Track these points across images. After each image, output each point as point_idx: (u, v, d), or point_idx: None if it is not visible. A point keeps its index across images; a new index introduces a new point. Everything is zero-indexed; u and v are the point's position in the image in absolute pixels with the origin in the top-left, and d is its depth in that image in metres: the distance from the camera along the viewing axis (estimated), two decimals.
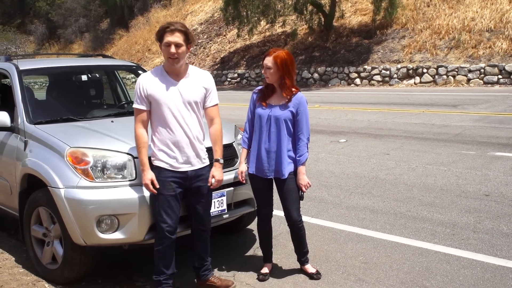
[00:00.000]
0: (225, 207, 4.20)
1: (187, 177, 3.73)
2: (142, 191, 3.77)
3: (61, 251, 4.09)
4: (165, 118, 3.64)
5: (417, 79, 18.99)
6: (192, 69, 3.80)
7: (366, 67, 20.54)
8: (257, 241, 5.00)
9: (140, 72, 5.99)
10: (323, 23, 23.60)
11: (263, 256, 4.32)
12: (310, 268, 4.23)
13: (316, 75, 22.16)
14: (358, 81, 20.75)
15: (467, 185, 6.36)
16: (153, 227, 3.81)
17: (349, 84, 21.00)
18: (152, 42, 33.53)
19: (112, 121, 4.71)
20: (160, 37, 3.61)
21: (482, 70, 17.55)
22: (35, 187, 4.19)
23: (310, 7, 23.29)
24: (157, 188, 3.63)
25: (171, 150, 3.67)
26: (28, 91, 4.95)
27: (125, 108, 5.70)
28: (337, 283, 4.07)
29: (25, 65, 5.21)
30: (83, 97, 5.79)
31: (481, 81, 17.56)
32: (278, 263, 4.45)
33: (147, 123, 3.70)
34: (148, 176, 3.62)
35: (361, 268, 4.30)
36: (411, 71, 19.19)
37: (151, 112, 3.69)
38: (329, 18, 23.19)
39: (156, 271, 3.79)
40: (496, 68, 17.25)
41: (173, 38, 3.56)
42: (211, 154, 3.91)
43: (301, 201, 4.09)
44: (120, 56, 33.41)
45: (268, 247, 4.28)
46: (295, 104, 3.92)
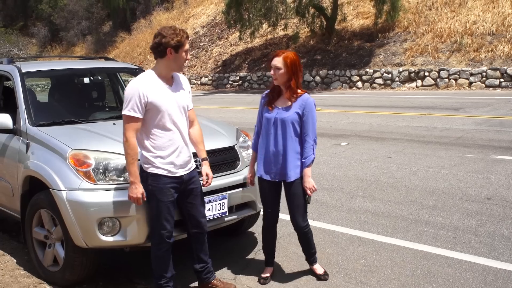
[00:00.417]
0: (227, 209, 4.21)
1: (182, 181, 3.73)
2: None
3: (63, 254, 4.09)
4: (165, 124, 3.62)
5: (419, 82, 18.98)
6: (174, 74, 3.80)
7: (368, 70, 20.54)
8: (258, 244, 5.01)
9: None
10: (325, 26, 23.61)
11: (265, 259, 4.31)
12: (318, 268, 4.24)
13: (318, 78, 22.16)
14: (359, 84, 20.74)
15: (468, 188, 6.36)
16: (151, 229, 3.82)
17: (350, 87, 20.99)
18: None
19: (114, 124, 4.71)
20: (179, 43, 3.57)
21: (484, 73, 17.53)
22: (37, 189, 4.20)
23: (312, 10, 23.30)
24: (156, 196, 3.61)
25: (168, 155, 3.64)
26: (30, 94, 4.97)
27: None
28: (338, 286, 4.07)
29: (28, 67, 5.23)
30: (85, 100, 5.81)
31: (483, 85, 17.54)
32: (279, 266, 4.45)
33: (138, 131, 3.60)
34: (140, 190, 3.56)
35: (363, 271, 4.30)
36: (412, 74, 19.18)
37: (145, 119, 3.59)
38: (331, 21, 23.19)
39: (155, 275, 3.79)
40: (498, 71, 17.23)
41: (188, 45, 3.67)
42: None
43: (308, 205, 4.08)
44: (122, 58, 33.47)
45: (271, 251, 4.27)
46: (301, 105, 3.89)
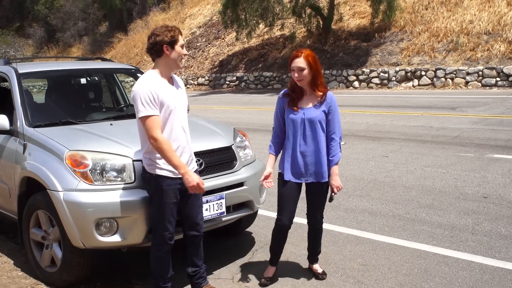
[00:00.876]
0: (224, 209, 4.21)
1: None
2: (141, 194, 3.78)
3: (60, 254, 4.09)
4: (171, 123, 3.61)
5: (416, 82, 19.01)
6: (172, 74, 3.81)
7: (364, 70, 20.56)
8: (256, 244, 5.02)
9: (139, 75, 5.99)
10: (321, 26, 23.61)
11: (270, 258, 4.23)
12: (318, 268, 4.27)
13: None
14: (356, 84, 20.77)
15: (465, 187, 6.37)
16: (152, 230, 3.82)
17: (347, 87, 21.01)
18: None
19: (111, 124, 4.71)
20: (173, 38, 3.58)
21: (480, 72, 17.57)
22: (34, 190, 4.19)
23: (308, 10, 23.32)
24: (159, 197, 3.59)
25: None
26: (27, 94, 4.96)
27: (124, 111, 5.70)
28: (336, 285, 4.07)
29: (24, 68, 5.23)
30: (82, 100, 5.80)
31: (479, 84, 17.58)
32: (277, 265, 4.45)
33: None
34: (194, 177, 3.54)
35: (360, 270, 4.31)
36: (409, 74, 19.21)
37: None
38: (328, 21, 23.21)
39: (154, 276, 3.78)
40: (494, 70, 17.27)
41: (182, 40, 3.68)
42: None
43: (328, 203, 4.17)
44: (119, 59, 33.43)
45: (278, 252, 4.19)
46: (326, 103, 3.90)
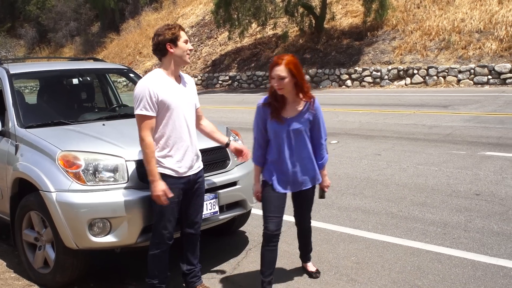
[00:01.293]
0: (217, 209, 4.21)
1: (189, 181, 3.72)
2: (134, 194, 3.77)
3: (53, 255, 4.07)
4: (174, 122, 3.59)
5: (408, 80, 19.08)
6: (181, 73, 3.81)
7: (357, 68, 20.61)
8: (250, 243, 5.03)
9: (131, 75, 5.99)
10: (314, 25, 23.65)
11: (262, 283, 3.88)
12: (311, 266, 4.27)
13: (307, 77, 22.18)
14: (349, 82, 20.81)
15: (457, 184, 6.41)
16: (145, 230, 3.81)
17: (340, 85, 21.05)
18: (143, 45, 33.45)
19: (103, 125, 4.70)
20: (174, 35, 3.58)
21: (472, 70, 17.66)
22: (26, 191, 4.17)
23: (301, 10, 23.34)
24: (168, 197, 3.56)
25: (178, 155, 3.63)
26: (19, 95, 4.94)
27: (117, 111, 5.69)
28: (329, 283, 4.09)
29: (16, 69, 5.20)
30: (74, 101, 5.78)
31: (471, 82, 17.67)
32: None
33: (153, 130, 3.57)
34: (160, 186, 3.48)
35: (353, 268, 4.32)
36: (401, 72, 19.27)
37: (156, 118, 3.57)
38: (320, 20, 23.24)
39: (150, 274, 3.77)
40: (486, 68, 17.36)
41: (186, 35, 3.66)
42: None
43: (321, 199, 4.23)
44: (111, 59, 33.32)
45: (269, 273, 3.85)
46: (312, 112, 3.73)
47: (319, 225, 5.37)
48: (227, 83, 25.68)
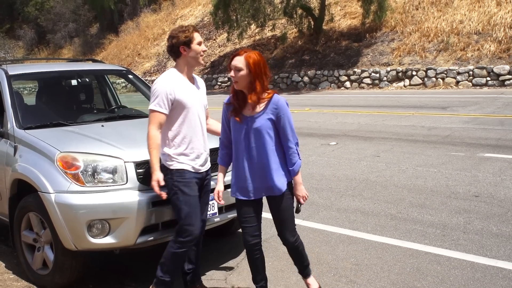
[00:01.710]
0: (216, 210, 4.21)
1: (201, 178, 3.80)
2: (133, 196, 3.77)
3: (52, 256, 4.07)
4: (191, 121, 3.69)
5: (407, 82, 19.10)
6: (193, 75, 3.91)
7: (356, 70, 20.63)
8: None
9: (130, 76, 5.99)
10: (312, 26, 23.69)
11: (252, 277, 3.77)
12: (313, 282, 3.78)
13: (306, 79, 22.23)
14: (348, 84, 20.83)
15: (456, 186, 6.41)
16: (145, 231, 3.81)
17: (339, 87, 21.08)
18: (142, 46, 33.48)
19: (102, 126, 4.70)
20: (187, 38, 3.64)
21: (470, 72, 17.69)
22: (25, 193, 4.17)
23: (299, 11, 23.37)
24: (183, 190, 3.61)
25: (194, 152, 3.70)
26: (17, 96, 4.93)
27: (115, 112, 5.68)
28: (328, 285, 4.08)
29: (15, 70, 5.19)
30: (73, 102, 5.77)
31: (470, 83, 17.70)
32: (269, 266, 4.44)
33: (162, 126, 3.62)
34: (156, 176, 3.51)
35: (352, 269, 4.32)
36: (400, 74, 19.30)
37: (170, 115, 3.63)
38: (319, 21, 23.28)
39: (164, 270, 3.66)
40: (484, 70, 17.39)
41: (200, 37, 3.73)
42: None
43: (297, 214, 3.66)
44: (110, 60, 33.32)
45: (260, 278, 3.71)
46: (273, 110, 3.39)
47: (318, 226, 5.37)
48: (226, 84, 25.70)
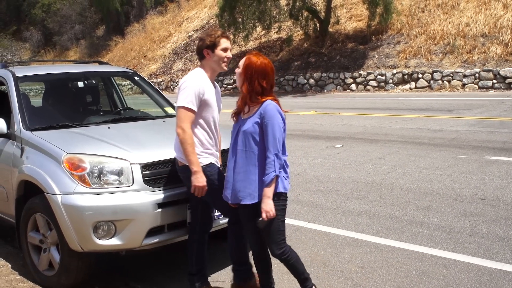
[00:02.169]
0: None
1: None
2: (139, 197, 3.78)
3: (58, 258, 4.08)
4: (210, 121, 3.80)
5: (413, 84, 19.05)
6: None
7: (361, 72, 20.59)
8: None
9: (136, 78, 6.01)
10: (318, 29, 23.67)
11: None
12: None
13: (312, 81, 22.21)
14: (353, 86, 20.80)
15: (463, 189, 6.39)
16: (151, 232, 3.82)
17: (344, 89, 21.04)
18: (148, 48, 33.55)
19: (108, 127, 4.72)
20: (212, 42, 3.72)
21: (477, 75, 17.62)
22: (31, 194, 4.19)
23: (305, 13, 23.36)
24: (216, 182, 3.71)
25: (211, 149, 3.82)
26: (24, 98, 4.96)
27: (122, 114, 5.70)
28: (334, 287, 4.07)
29: (22, 72, 5.22)
30: (80, 104, 5.80)
31: (476, 86, 17.63)
32: (275, 268, 4.42)
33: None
34: (203, 178, 3.61)
35: (358, 272, 4.31)
36: (406, 76, 19.25)
37: (196, 113, 3.71)
38: (325, 24, 23.25)
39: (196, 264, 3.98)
40: (490, 73, 17.32)
41: (227, 43, 3.77)
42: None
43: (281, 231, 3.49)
44: (116, 62, 33.39)
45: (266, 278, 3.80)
46: (259, 115, 3.37)
47: (323, 229, 5.36)
48: (232, 86, 25.68)
